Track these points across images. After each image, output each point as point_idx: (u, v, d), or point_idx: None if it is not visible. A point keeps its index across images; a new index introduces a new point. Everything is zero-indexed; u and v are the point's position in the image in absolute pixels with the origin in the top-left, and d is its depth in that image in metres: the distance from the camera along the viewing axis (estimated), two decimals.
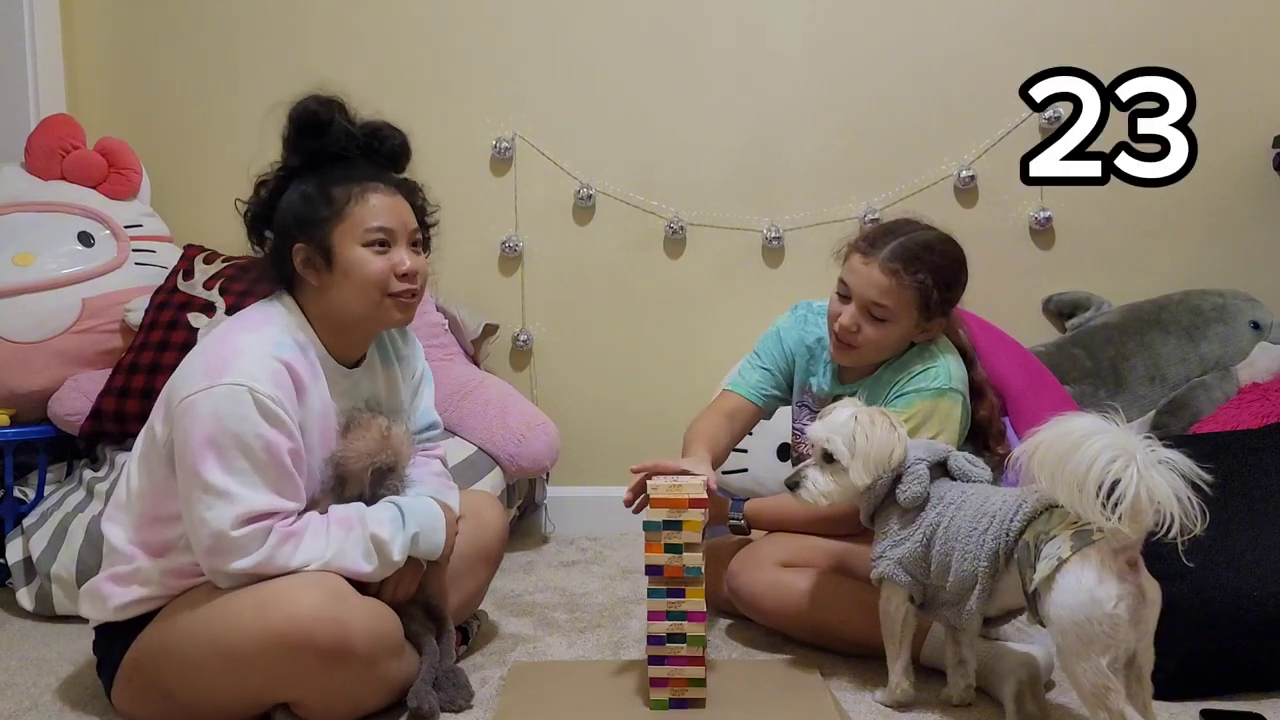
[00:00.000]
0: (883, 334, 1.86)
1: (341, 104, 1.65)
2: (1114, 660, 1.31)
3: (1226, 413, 2.39)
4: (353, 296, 1.61)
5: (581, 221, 2.87)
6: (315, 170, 1.63)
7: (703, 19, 2.82)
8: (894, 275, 1.81)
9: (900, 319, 1.85)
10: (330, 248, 1.60)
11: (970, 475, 1.64)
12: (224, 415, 1.47)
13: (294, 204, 1.62)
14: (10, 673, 1.86)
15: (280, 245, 1.63)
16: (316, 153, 1.63)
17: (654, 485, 1.60)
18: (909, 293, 1.82)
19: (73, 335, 2.48)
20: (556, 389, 2.88)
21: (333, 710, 1.54)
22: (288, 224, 1.62)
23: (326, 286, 1.62)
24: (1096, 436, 1.29)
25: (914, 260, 1.82)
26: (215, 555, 1.48)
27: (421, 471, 1.80)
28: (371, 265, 1.59)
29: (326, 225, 1.60)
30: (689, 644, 1.55)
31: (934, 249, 1.86)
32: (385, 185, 1.64)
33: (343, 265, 1.60)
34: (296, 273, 1.63)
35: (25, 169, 2.66)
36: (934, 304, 1.84)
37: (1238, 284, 2.68)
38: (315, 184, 1.61)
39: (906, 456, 1.63)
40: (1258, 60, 2.72)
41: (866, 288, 1.83)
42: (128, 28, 2.94)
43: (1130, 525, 1.29)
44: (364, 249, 1.60)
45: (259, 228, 1.67)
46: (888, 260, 1.82)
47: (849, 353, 1.90)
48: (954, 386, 1.86)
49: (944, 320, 1.90)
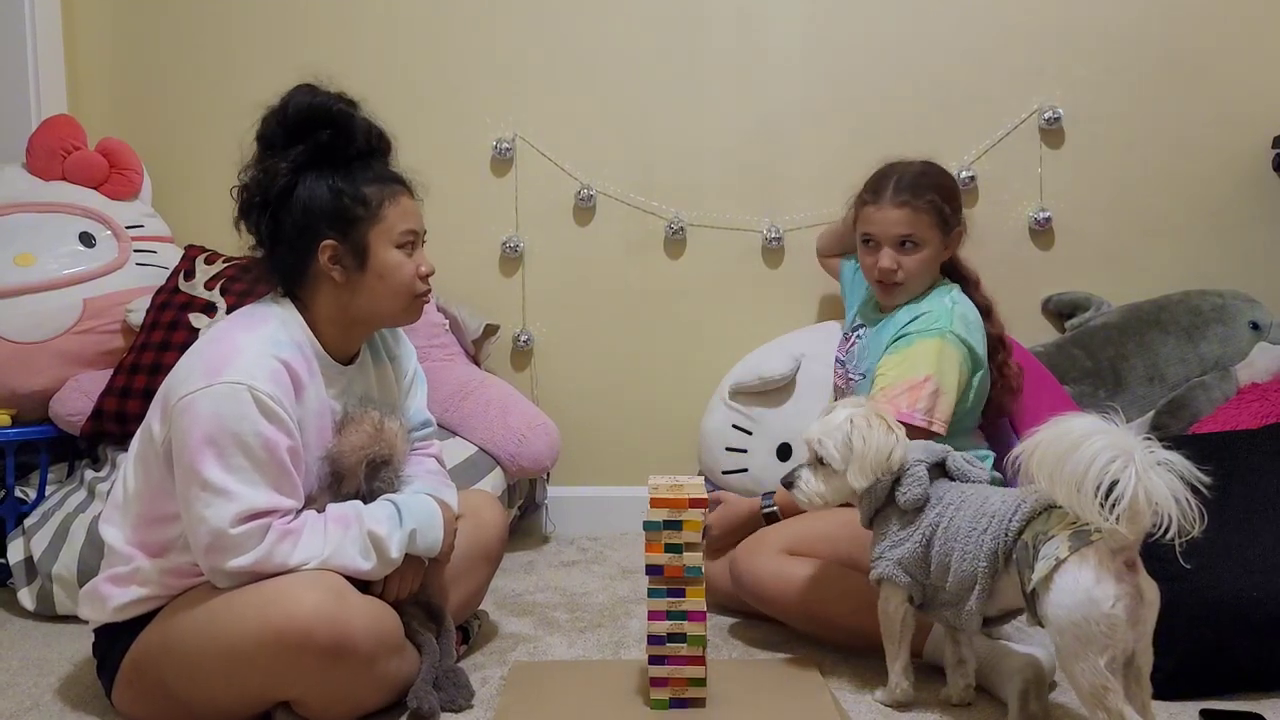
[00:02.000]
0: (919, 260, 2.05)
1: (356, 104, 1.65)
2: (1112, 660, 1.31)
3: (1226, 413, 2.39)
4: (384, 297, 1.64)
5: (582, 222, 2.87)
6: (329, 166, 1.61)
7: (703, 19, 2.82)
8: (907, 206, 2.04)
9: (928, 241, 2.05)
10: (366, 247, 1.61)
11: (969, 475, 1.64)
12: (223, 413, 1.47)
13: (324, 200, 1.60)
14: (11, 673, 1.86)
15: (300, 239, 1.61)
16: (330, 150, 1.61)
17: (654, 485, 1.60)
18: (926, 215, 2.04)
19: (74, 335, 2.48)
20: (557, 389, 2.88)
21: (333, 709, 1.55)
22: (315, 219, 1.59)
23: (353, 285, 1.62)
24: (1095, 437, 1.30)
25: (917, 187, 2.05)
26: (214, 553, 1.48)
27: (417, 469, 1.80)
28: (406, 268, 1.64)
29: (362, 225, 1.61)
30: (689, 644, 1.56)
31: (928, 173, 2.10)
32: (405, 188, 1.67)
33: (377, 267, 1.62)
34: (314, 268, 1.62)
35: (26, 169, 2.66)
36: (949, 216, 2.06)
37: (1238, 284, 2.68)
38: (344, 179, 1.61)
39: (906, 458, 1.63)
40: (1258, 60, 2.72)
41: (890, 226, 2.04)
42: (129, 28, 2.94)
43: (1128, 526, 1.29)
44: (397, 250, 1.63)
45: (254, 216, 1.63)
46: (895, 196, 2.05)
47: (895, 290, 2.08)
48: (954, 329, 1.99)
49: (961, 229, 2.11)
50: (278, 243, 1.63)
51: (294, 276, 1.65)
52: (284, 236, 1.62)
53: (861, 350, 2.16)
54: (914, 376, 1.93)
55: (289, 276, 1.65)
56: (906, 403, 1.91)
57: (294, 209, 1.60)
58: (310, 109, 1.61)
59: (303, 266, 1.63)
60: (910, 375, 1.94)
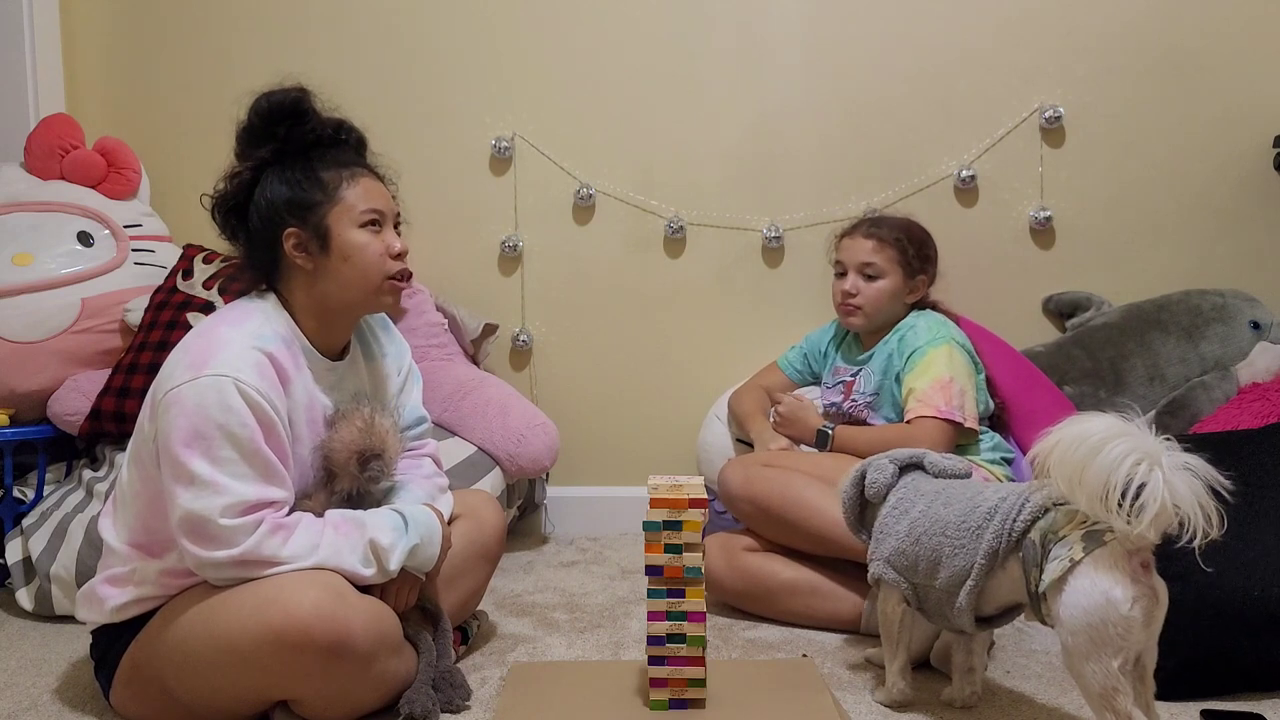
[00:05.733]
0: (878, 290, 2.24)
1: (310, 92, 1.66)
2: (1125, 662, 1.31)
3: (1226, 413, 2.39)
4: (351, 278, 1.63)
5: (581, 221, 2.87)
6: (289, 160, 1.63)
7: (703, 18, 2.82)
8: (874, 238, 2.25)
9: (888, 273, 2.24)
10: (327, 230, 1.62)
11: (947, 470, 1.66)
12: (209, 405, 1.47)
13: (279, 190, 1.62)
14: (10, 673, 1.86)
15: (266, 232, 1.63)
16: (288, 142, 1.63)
17: (654, 485, 1.60)
18: (890, 249, 2.24)
19: (72, 335, 2.48)
20: (556, 389, 2.88)
21: (332, 708, 1.54)
22: (275, 209, 1.62)
23: (321, 271, 1.63)
24: (1118, 440, 1.28)
25: (886, 226, 2.29)
26: (201, 541, 1.46)
27: (414, 472, 1.80)
28: (372, 248, 1.64)
29: (320, 208, 1.62)
30: (689, 644, 1.55)
31: (899, 220, 2.32)
32: (367, 170, 1.68)
33: (340, 248, 1.62)
34: (283, 260, 1.63)
35: (24, 169, 2.66)
36: (912, 258, 2.24)
37: (1238, 284, 2.68)
38: (301, 169, 1.63)
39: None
40: (1258, 60, 2.72)
41: (856, 254, 2.26)
42: (127, 27, 2.94)
43: (1150, 529, 1.28)
44: (360, 230, 1.63)
45: (229, 220, 1.66)
46: (867, 229, 2.28)
47: (856, 314, 2.27)
48: (954, 337, 2.19)
49: (926, 279, 2.28)
50: (249, 241, 1.66)
51: (269, 271, 1.67)
52: (253, 233, 1.65)
53: (866, 378, 2.27)
54: (940, 378, 2.12)
55: (265, 272, 1.67)
56: (943, 400, 2.09)
57: (258, 204, 1.63)
58: (268, 108, 1.64)
59: (274, 259, 1.65)
60: (936, 378, 2.12)
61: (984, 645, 1.66)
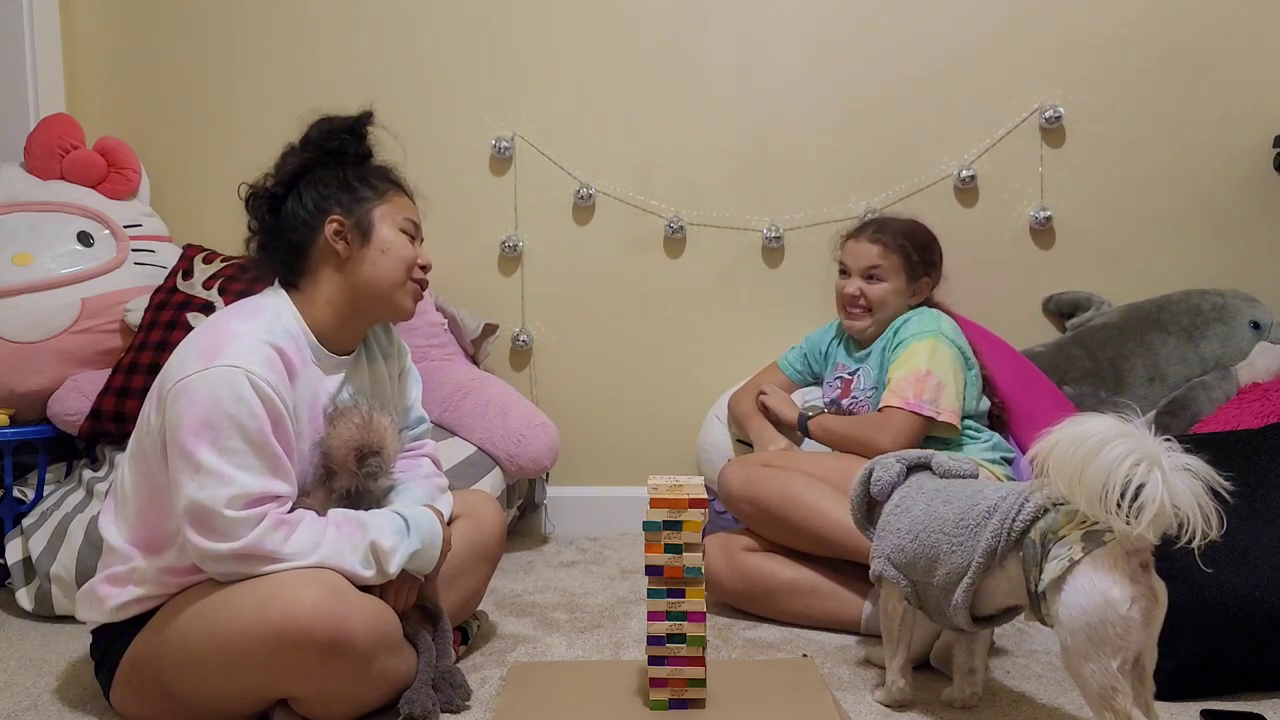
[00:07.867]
0: (882, 292, 2.26)
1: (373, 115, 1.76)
2: (1123, 662, 1.31)
3: (1226, 413, 2.39)
4: (385, 269, 1.68)
5: (581, 221, 2.87)
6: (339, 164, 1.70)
7: (703, 19, 2.82)
8: (879, 242, 2.27)
9: (892, 276, 2.26)
10: (371, 223, 1.68)
11: (953, 470, 1.66)
12: (220, 396, 1.47)
13: (332, 181, 1.69)
14: (10, 673, 1.86)
15: (308, 217, 1.67)
16: (342, 153, 1.71)
17: (654, 485, 1.60)
18: (894, 254, 2.25)
19: (72, 335, 2.48)
20: (556, 389, 2.88)
21: (332, 707, 1.54)
22: (325, 195, 1.68)
23: (356, 260, 1.67)
24: (1117, 441, 1.27)
25: (891, 229, 2.29)
26: (205, 532, 1.46)
27: (413, 472, 1.81)
28: (408, 248, 1.72)
29: (368, 203, 1.69)
30: (689, 644, 1.55)
31: (904, 222, 2.33)
32: (406, 191, 1.77)
33: (380, 240, 1.69)
34: (315, 248, 1.66)
35: (24, 169, 2.66)
36: (915, 262, 2.26)
37: (1238, 284, 2.68)
38: (352, 171, 1.70)
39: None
40: (1258, 60, 2.72)
41: (860, 257, 2.27)
42: (127, 27, 2.94)
43: (1150, 530, 1.28)
44: (399, 232, 1.71)
45: (262, 207, 1.70)
46: (871, 233, 2.29)
47: (860, 317, 2.29)
48: (944, 332, 2.19)
49: (930, 282, 2.29)
50: (279, 227, 1.68)
51: (294, 263, 1.68)
52: (287, 221, 1.68)
53: (865, 375, 2.30)
54: (916, 370, 2.13)
55: (288, 264, 1.69)
56: (913, 393, 2.11)
57: (305, 190, 1.68)
58: (331, 124, 1.71)
59: (305, 249, 1.67)
60: (913, 370, 2.13)
61: (985, 646, 1.66)
